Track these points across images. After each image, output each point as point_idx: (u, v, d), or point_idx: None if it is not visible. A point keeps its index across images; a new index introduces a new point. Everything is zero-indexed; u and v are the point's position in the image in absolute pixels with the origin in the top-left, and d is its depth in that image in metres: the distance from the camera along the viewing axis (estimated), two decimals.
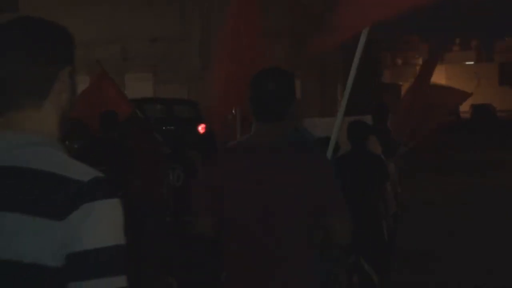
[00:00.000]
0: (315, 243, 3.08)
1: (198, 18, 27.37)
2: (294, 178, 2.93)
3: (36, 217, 1.63)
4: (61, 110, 1.81)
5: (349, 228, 3.05)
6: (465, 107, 45.58)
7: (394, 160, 7.58)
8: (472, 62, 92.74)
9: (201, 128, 15.33)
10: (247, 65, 5.45)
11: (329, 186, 3.00)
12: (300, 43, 26.60)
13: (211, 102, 6.31)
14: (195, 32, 27.33)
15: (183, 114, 19.41)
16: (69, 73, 1.83)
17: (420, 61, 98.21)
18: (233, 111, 6.20)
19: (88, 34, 27.41)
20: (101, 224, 1.66)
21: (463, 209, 12.93)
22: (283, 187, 2.92)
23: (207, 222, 3.05)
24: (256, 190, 2.95)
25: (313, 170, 2.96)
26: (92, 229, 1.64)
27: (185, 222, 5.90)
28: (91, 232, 1.64)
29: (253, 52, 5.60)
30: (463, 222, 11.52)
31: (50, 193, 1.65)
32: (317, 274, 3.20)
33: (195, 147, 7.66)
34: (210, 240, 3.45)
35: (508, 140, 29.03)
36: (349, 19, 4.53)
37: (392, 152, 7.57)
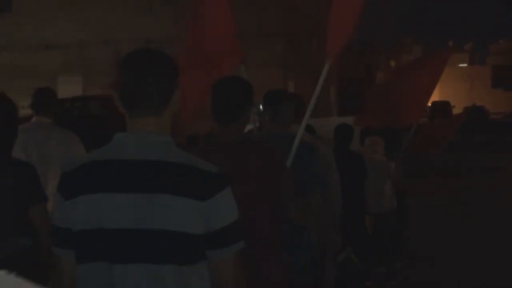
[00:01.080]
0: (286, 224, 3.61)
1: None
2: (255, 171, 3.42)
3: (182, 197, 2.26)
4: (171, 118, 2.45)
5: (304, 211, 3.79)
6: (458, 109, 45.71)
7: (396, 160, 7.75)
8: (465, 65, 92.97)
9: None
10: (214, 70, 5.42)
11: (283, 176, 3.54)
12: (295, 45, 26.61)
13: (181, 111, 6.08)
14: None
15: (100, 111, 19.78)
16: (177, 93, 2.45)
17: None
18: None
19: (82, 35, 27.35)
20: (230, 205, 2.36)
21: (463, 209, 12.98)
22: (250, 180, 3.38)
23: None
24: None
25: (268, 164, 3.49)
26: (226, 209, 2.34)
27: None
28: (226, 212, 2.34)
29: (223, 57, 5.58)
30: (463, 222, 11.55)
31: (190, 179, 2.29)
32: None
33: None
34: None
35: (501, 142, 29.15)
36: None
37: (396, 150, 7.77)
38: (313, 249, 4.36)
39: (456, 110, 45.16)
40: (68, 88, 26.09)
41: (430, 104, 60.74)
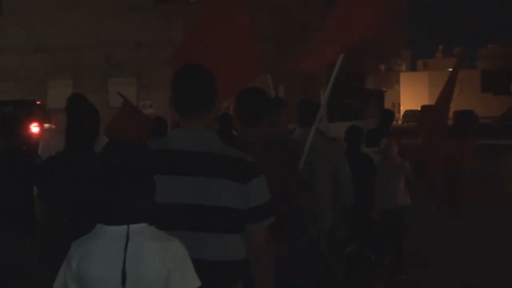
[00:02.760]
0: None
1: (182, 24, 27.37)
2: (277, 165, 3.97)
3: (228, 180, 2.95)
4: (214, 118, 3.20)
5: (313, 200, 4.84)
6: None
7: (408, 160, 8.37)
8: None
9: (33, 127, 15.82)
10: (236, 69, 5.88)
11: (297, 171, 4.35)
12: (285, 49, 26.65)
13: None
14: (178, 38, 27.29)
15: (13, 114, 19.73)
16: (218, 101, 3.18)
17: (403, 68, 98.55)
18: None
19: (72, 39, 27.29)
20: (264, 187, 3.05)
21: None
22: (279, 171, 3.97)
23: None
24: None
25: (286, 160, 4.19)
26: (261, 191, 3.04)
27: None
28: (261, 193, 3.04)
29: (244, 58, 6.02)
30: (461, 223, 11.57)
31: (233, 166, 2.99)
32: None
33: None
34: None
35: (492, 146, 29.22)
36: (333, 43, 5.19)
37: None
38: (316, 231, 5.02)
39: None
40: (58, 91, 26.04)
41: (419, 108, 60.91)
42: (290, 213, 4.09)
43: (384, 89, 65.48)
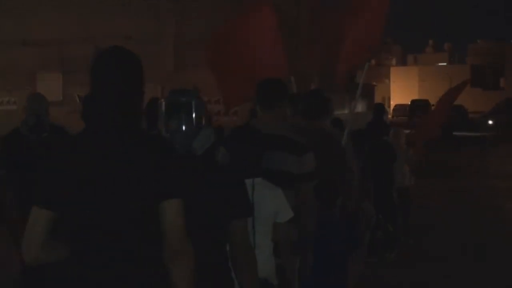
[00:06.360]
0: None
1: (173, 18, 27.33)
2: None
3: (290, 154, 4.57)
4: (282, 113, 4.80)
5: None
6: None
7: (414, 148, 10.36)
8: (444, 64, 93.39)
9: None
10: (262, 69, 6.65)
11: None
12: None
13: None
14: (169, 32, 27.27)
15: None
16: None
17: (393, 62, 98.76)
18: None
19: (62, 33, 27.18)
20: (312, 160, 4.64)
21: (452, 208, 13.10)
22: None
23: None
24: None
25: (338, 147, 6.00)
26: (310, 162, 4.63)
27: None
28: (310, 163, 4.63)
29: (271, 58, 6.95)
30: (452, 221, 11.64)
31: (295, 144, 4.63)
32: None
33: None
34: None
35: (481, 141, 29.34)
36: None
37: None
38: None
39: (435, 109, 45.36)
40: (47, 84, 25.96)
41: (409, 103, 61.01)
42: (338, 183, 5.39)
43: (374, 83, 65.55)
